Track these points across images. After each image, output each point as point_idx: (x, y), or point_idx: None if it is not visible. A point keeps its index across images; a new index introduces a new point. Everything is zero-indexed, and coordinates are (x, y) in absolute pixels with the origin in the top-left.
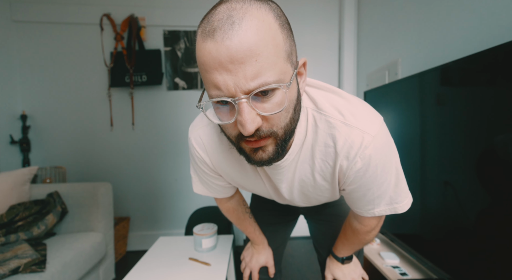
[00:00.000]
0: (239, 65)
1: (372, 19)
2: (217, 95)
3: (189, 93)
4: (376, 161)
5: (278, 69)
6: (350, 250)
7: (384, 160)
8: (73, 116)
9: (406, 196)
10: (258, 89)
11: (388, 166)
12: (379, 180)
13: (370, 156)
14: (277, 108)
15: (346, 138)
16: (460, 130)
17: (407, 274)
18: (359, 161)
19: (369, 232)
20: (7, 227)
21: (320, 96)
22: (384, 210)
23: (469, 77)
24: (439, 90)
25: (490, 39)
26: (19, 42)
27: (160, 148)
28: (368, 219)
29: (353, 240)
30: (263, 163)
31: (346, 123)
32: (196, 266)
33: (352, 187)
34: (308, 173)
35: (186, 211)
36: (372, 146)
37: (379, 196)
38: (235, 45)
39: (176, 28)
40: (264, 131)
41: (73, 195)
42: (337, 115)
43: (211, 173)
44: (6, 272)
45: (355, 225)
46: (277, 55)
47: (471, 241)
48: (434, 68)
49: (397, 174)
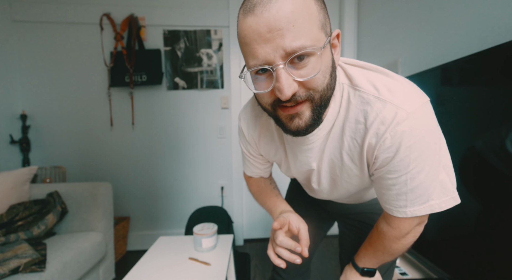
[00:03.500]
0: (277, 32)
1: (372, 19)
2: (255, 64)
3: (189, 93)
4: (409, 142)
5: (313, 35)
6: (373, 259)
7: (421, 144)
8: (73, 116)
9: (447, 193)
10: (295, 53)
11: (426, 152)
12: (413, 168)
13: (402, 133)
14: (312, 72)
15: (377, 113)
16: (460, 130)
17: (407, 274)
18: (389, 138)
19: (398, 239)
20: (7, 226)
21: (358, 73)
22: (419, 210)
23: (469, 77)
24: (439, 90)
25: (490, 39)
26: (19, 42)
27: (160, 148)
28: (399, 220)
29: (377, 246)
30: (299, 131)
31: (380, 98)
32: (196, 266)
33: (380, 171)
34: (336, 152)
35: (186, 211)
36: (406, 123)
37: (413, 189)
38: (273, 15)
39: (176, 27)
40: (301, 96)
41: (73, 194)
42: (372, 90)
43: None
44: (6, 272)
45: (382, 226)
46: (312, 23)
47: (471, 241)
48: (434, 68)
49: (438, 166)
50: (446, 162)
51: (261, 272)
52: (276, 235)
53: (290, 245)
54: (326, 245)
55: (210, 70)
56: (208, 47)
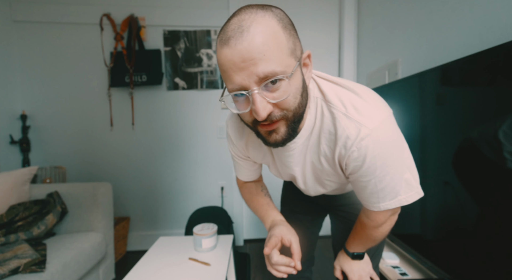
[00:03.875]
0: (250, 61)
1: (372, 19)
2: (233, 89)
3: (189, 93)
4: (373, 153)
5: (283, 63)
6: (360, 245)
7: (384, 153)
8: (73, 116)
9: (412, 189)
10: (268, 79)
11: (389, 159)
12: (380, 172)
13: (366, 147)
14: (284, 95)
15: (344, 129)
16: (460, 130)
17: (407, 274)
18: (356, 151)
19: (376, 228)
20: (7, 227)
21: (330, 89)
22: (390, 204)
23: (469, 77)
24: (439, 90)
25: (490, 39)
26: (19, 42)
27: (160, 148)
28: (375, 213)
29: (361, 235)
30: (277, 144)
31: (347, 115)
32: (196, 266)
33: (354, 176)
34: (316, 157)
35: (186, 211)
36: (369, 138)
37: (382, 189)
38: (245, 48)
39: (176, 28)
40: (276, 116)
41: (73, 195)
42: (341, 107)
43: (240, 154)
44: (6, 272)
45: (363, 219)
46: (281, 52)
47: (471, 241)
48: (434, 68)
49: (402, 168)
50: (409, 163)
51: (261, 272)
52: (271, 256)
53: (285, 262)
54: (326, 246)
55: (210, 70)
56: (208, 47)
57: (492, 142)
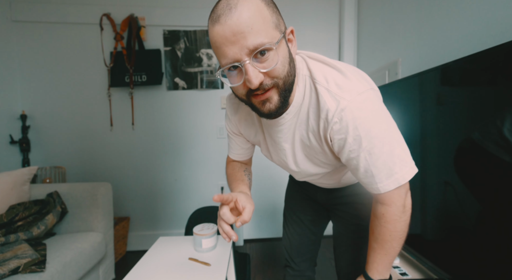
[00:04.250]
0: (240, 34)
1: (372, 19)
2: (227, 63)
3: (189, 93)
4: (355, 123)
5: (269, 34)
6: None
7: (366, 123)
8: (73, 116)
9: (406, 165)
10: (257, 49)
11: (374, 130)
12: (366, 145)
13: (347, 117)
14: (273, 64)
15: (325, 102)
16: (460, 130)
17: (407, 274)
18: (337, 122)
19: (398, 215)
20: (7, 227)
21: (317, 67)
22: (388, 184)
23: (469, 77)
24: (439, 90)
25: (490, 39)
26: (19, 42)
27: (160, 148)
28: (387, 195)
29: (383, 235)
30: (271, 113)
31: (328, 89)
32: (196, 266)
33: (343, 153)
34: (304, 132)
35: (186, 211)
36: (348, 109)
37: (374, 165)
38: (234, 22)
39: (176, 28)
40: (268, 84)
41: (73, 195)
42: (324, 82)
43: (234, 130)
44: (6, 272)
45: (378, 209)
46: (266, 25)
47: (471, 241)
48: (434, 68)
49: (390, 141)
50: (398, 138)
51: (261, 272)
52: (221, 207)
53: (229, 218)
54: (326, 246)
55: (210, 70)
56: (208, 47)
57: (499, 140)
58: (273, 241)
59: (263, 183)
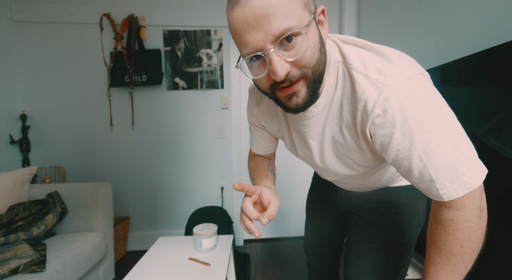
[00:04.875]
0: (263, 19)
1: (372, 19)
2: (248, 52)
3: (189, 93)
4: (403, 114)
5: (297, 16)
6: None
7: (418, 114)
8: (73, 116)
9: (474, 163)
10: (283, 36)
11: (427, 122)
12: (420, 141)
13: (392, 107)
14: (301, 51)
15: (364, 90)
16: None
17: (407, 274)
18: (381, 115)
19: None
20: (7, 227)
21: (352, 51)
22: (455, 190)
23: (469, 77)
24: (439, 90)
25: (490, 39)
26: (19, 42)
27: (160, 148)
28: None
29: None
30: (299, 108)
31: (367, 75)
32: (196, 266)
33: (389, 153)
34: (337, 128)
35: (186, 211)
36: (394, 97)
37: (433, 166)
38: (256, 4)
39: (176, 28)
40: (295, 75)
41: (73, 195)
42: (362, 68)
43: (256, 122)
44: (6, 272)
45: (444, 215)
46: (294, 5)
47: None
48: (434, 68)
49: (450, 135)
50: (460, 131)
51: (261, 272)
52: (243, 200)
53: (251, 212)
54: None
55: (210, 70)
56: (208, 47)
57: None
58: (273, 241)
59: None
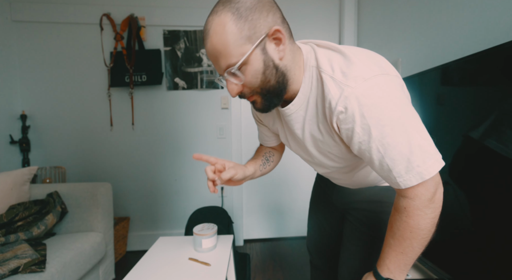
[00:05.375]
0: (214, 58)
1: (372, 19)
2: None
3: (189, 93)
4: (361, 111)
5: (237, 53)
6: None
7: (375, 110)
8: (73, 116)
9: (429, 156)
10: (226, 71)
11: (384, 118)
12: (377, 135)
13: (352, 106)
14: (243, 79)
15: (329, 90)
16: (460, 130)
17: (408, 274)
18: (343, 112)
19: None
20: (7, 227)
21: (324, 55)
22: (409, 179)
23: (469, 77)
24: (439, 90)
25: (490, 39)
26: (19, 42)
27: (160, 148)
28: (412, 189)
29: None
30: (259, 111)
31: (333, 77)
32: (196, 266)
33: (354, 144)
34: (314, 125)
35: (186, 211)
36: (352, 96)
37: (390, 157)
38: (209, 48)
39: (176, 28)
40: (246, 93)
41: (73, 195)
42: (329, 70)
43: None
44: (6, 272)
45: (400, 202)
46: (234, 45)
47: (471, 241)
48: (434, 68)
49: (406, 130)
50: (417, 126)
51: (261, 272)
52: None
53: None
54: None
55: (210, 70)
56: None
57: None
58: (273, 241)
59: (263, 184)
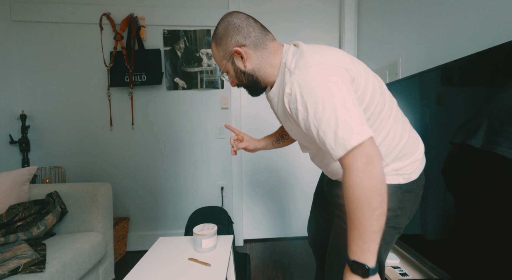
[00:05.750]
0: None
1: (372, 19)
2: None
3: (189, 93)
4: (301, 91)
5: (221, 65)
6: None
7: (310, 90)
8: (72, 116)
9: (353, 130)
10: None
11: (316, 97)
12: (313, 111)
13: (295, 89)
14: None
15: (285, 78)
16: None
17: (408, 274)
18: (289, 94)
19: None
20: (7, 227)
21: (291, 53)
22: (337, 151)
23: (469, 77)
24: (439, 90)
25: (490, 39)
26: (18, 42)
27: (160, 148)
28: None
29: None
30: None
31: (290, 69)
32: (196, 266)
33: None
34: (285, 110)
35: (186, 211)
36: (295, 80)
37: (322, 130)
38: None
39: (176, 27)
40: (238, 86)
41: (73, 195)
42: (290, 65)
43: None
44: (5, 273)
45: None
46: (218, 60)
47: (471, 241)
48: (434, 68)
49: (334, 107)
50: (346, 104)
51: (261, 272)
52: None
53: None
54: None
55: (210, 70)
56: (208, 47)
57: None
58: (273, 241)
59: (263, 184)
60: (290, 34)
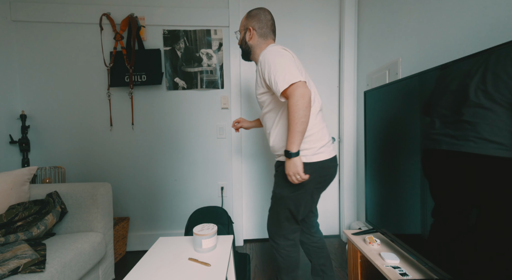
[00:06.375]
0: None
1: (372, 19)
2: None
3: (189, 93)
4: (263, 58)
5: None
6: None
7: (265, 58)
8: (72, 116)
9: (288, 77)
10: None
11: (268, 61)
12: (266, 69)
13: (262, 57)
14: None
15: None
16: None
17: (408, 274)
18: (260, 61)
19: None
20: (7, 227)
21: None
22: (282, 85)
23: (469, 77)
24: (438, 90)
25: (490, 39)
26: (18, 42)
27: (160, 148)
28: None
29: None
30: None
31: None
32: (196, 267)
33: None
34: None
35: (186, 211)
36: (263, 54)
37: (274, 80)
38: None
39: (176, 27)
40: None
41: (73, 195)
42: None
43: None
44: (5, 273)
45: (288, 100)
46: (241, 25)
47: (471, 241)
48: (434, 68)
49: (276, 69)
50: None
51: (261, 272)
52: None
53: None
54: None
55: (210, 70)
56: (208, 47)
57: None
58: None
59: (263, 184)
60: (290, 34)
